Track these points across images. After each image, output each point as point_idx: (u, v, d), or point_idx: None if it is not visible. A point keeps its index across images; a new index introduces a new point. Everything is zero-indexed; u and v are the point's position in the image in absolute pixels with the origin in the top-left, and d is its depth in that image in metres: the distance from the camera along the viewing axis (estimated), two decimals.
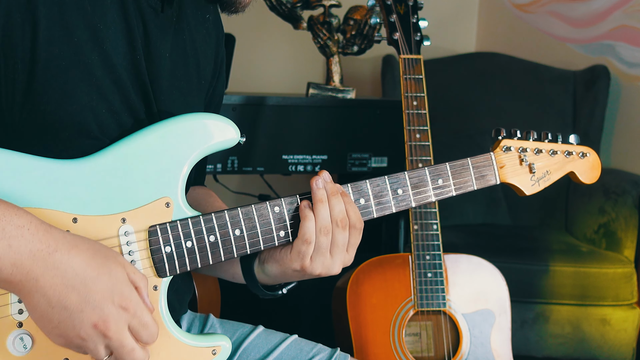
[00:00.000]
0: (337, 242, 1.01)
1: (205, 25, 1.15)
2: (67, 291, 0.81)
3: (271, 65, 3.31)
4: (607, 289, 2.43)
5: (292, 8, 2.29)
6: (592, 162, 1.24)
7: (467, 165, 1.14)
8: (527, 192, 1.19)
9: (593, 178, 1.24)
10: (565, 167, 1.22)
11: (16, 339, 0.87)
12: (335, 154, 2.21)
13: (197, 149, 0.97)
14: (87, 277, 0.82)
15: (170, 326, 0.96)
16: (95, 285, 0.82)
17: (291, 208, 1.02)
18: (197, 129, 0.97)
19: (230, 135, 0.99)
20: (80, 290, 0.82)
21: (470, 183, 1.14)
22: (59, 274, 0.81)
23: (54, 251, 0.81)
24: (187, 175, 0.97)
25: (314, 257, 1.00)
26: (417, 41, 1.74)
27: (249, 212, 0.99)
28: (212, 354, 0.98)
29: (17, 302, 0.87)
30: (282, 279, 1.06)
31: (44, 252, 0.80)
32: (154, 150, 0.95)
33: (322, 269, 1.01)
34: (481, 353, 1.71)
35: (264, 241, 1.00)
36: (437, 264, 1.68)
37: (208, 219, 0.97)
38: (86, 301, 0.82)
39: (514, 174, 1.18)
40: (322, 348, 1.19)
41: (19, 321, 0.88)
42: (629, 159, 2.88)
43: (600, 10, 3.03)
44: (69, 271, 0.81)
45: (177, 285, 1.10)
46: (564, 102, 3.02)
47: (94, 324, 0.83)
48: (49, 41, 0.89)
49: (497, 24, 3.57)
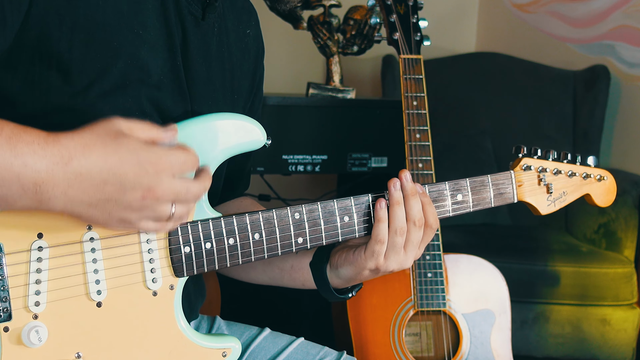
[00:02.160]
0: (412, 240, 1.04)
1: (245, 41, 1.14)
2: (100, 187, 0.80)
3: (271, 65, 3.30)
4: (607, 289, 2.43)
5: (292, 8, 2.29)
6: (609, 186, 1.23)
7: (487, 182, 1.13)
8: (543, 212, 1.18)
9: (608, 202, 1.24)
10: (582, 188, 1.21)
11: (31, 331, 0.87)
12: (335, 154, 2.21)
13: (222, 149, 0.96)
14: (112, 166, 0.80)
15: (183, 325, 0.97)
16: (123, 168, 0.81)
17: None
18: (223, 128, 0.96)
19: (256, 137, 0.98)
20: (113, 180, 0.81)
21: (489, 200, 1.13)
22: (84, 178, 0.79)
23: (69, 160, 0.79)
24: (212, 174, 0.96)
25: (388, 255, 1.04)
26: (417, 41, 1.74)
27: (269, 217, 0.99)
28: (222, 356, 0.99)
29: (34, 294, 0.87)
30: (356, 280, 1.08)
31: (60, 164, 0.78)
32: None
33: (396, 265, 1.05)
34: (481, 353, 1.71)
35: (282, 247, 1.01)
36: (437, 264, 1.68)
37: (229, 221, 0.97)
38: (123, 185, 0.81)
39: (531, 193, 1.17)
40: (329, 351, 1.19)
41: (34, 313, 0.88)
42: (629, 159, 2.88)
43: (600, 10, 3.03)
44: (93, 171, 0.80)
45: (189, 290, 1.09)
46: (564, 102, 3.02)
47: (142, 198, 0.82)
48: (87, 44, 0.89)
49: (497, 24, 3.57)
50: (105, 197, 0.81)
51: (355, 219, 1.05)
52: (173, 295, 0.96)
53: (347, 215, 1.05)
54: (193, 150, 0.87)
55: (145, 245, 0.93)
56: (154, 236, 0.94)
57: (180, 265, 0.95)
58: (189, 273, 0.96)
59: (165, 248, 0.94)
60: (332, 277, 1.10)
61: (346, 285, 1.11)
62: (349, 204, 1.05)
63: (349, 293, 1.13)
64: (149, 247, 0.93)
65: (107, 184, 0.80)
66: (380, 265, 1.04)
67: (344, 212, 1.04)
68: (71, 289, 0.89)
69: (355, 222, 1.05)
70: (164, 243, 0.94)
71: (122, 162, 0.81)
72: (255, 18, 1.19)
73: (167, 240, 0.94)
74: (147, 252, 0.93)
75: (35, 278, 0.87)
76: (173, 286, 0.96)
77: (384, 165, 2.27)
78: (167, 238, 0.94)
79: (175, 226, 0.90)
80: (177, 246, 0.94)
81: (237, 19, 1.12)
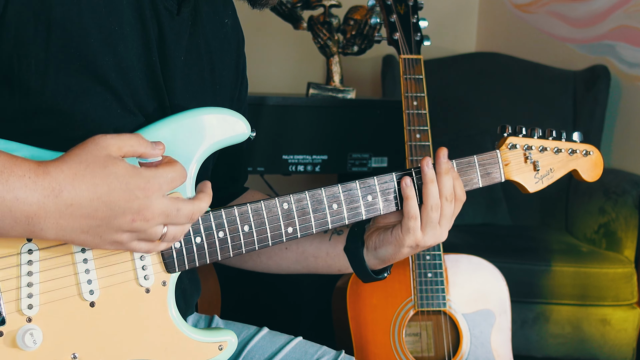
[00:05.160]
0: (446, 215, 1.09)
1: (224, 31, 1.14)
2: (91, 215, 0.82)
3: (271, 65, 3.31)
4: (607, 289, 2.43)
5: (292, 8, 2.29)
6: (595, 160, 1.24)
7: (474, 162, 1.14)
8: (531, 189, 1.19)
9: (595, 176, 1.24)
10: (568, 165, 1.22)
11: (26, 334, 0.87)
12: (335, 154, 2.21)
13: (207, 143, 0.96)
14: (102, 194, 0.82)
15: (178, 321, 0.97)
16: (113, 196, 0.82)
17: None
18: (207, 122, 0.96)
19: (240, 130, 0.98)
20: (103, 208, 0.82)
21: (476, 180, 1.15)
22: (75, 208, 0.81)
23: (59, 192, 0.80)
24: (198, 169, 0.96)
25: (425, 230, 1.09)
26: (417, 41, 1.73)
27: (257, 208, 1.00)
28: (218, 349, 0.99)
29: (26, 297, 0.87)
30: (395, 258, 1.12)
31: (51, 197, 0.80)
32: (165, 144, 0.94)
33: (433, 240, 1.10)
34: (481, 353, 1.71)
35: (272, 237, 1.01)
36: (438, 264, 1.68)
37: (217, 214, 0.97)
38: (113, 211, 0.82)
39: (518, 172, 1.18)
40: (327, 351, 1.19)
41: (28, 316, 0.88)
42: (629, 159, 2.88)
43: (601, 10, 3.03)
44: (83, 201, 0.81)
45: (184, 286, 1.10)
46: (564, 102, 3.02)
47: (132, 221, 0.83)
48: (64, 42, 0.89)
49: (497, 24, 3.57)
50: (96, 224, 0.82)
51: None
52: (166, 292, 0.96)
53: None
54: (179, 164, 0.88)
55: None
56: None
57: (171, 261, 0.95)
58: (181, 268, 0.96)
59: None
60: (370, 259, 1.14)
61: (382, 265, 1.15)
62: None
63: (384, 272, 1.18)
64: None
65: (97, 211, 0.82)
66: (419, 240, 1.09)
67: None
68: (63, 290, 0.89)
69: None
70: None
71: (111, 190, 0.82)
72: (231, 7, 1.18)
73: None
74: None
75: (27, 281, 0.87)
76: (165, 282, 0.96)
77: (384, 165, 2.27)
78: None
79: (169, 246, 0.92)
80: None
81: (213, 10, 1.12)
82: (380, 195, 1.07)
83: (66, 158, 0.82)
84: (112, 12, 0.93)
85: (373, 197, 1.07)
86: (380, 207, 1.08)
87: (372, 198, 1.07)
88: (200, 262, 0.97)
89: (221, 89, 1.14)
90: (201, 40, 1.08)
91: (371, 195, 1.07)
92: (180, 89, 1.03)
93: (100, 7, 0.92)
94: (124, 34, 0.94)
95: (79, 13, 0.90)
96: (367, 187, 1.07)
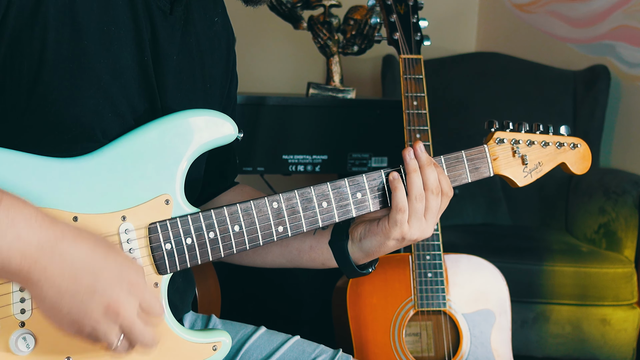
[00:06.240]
0: (431, 208, 1.08)
1: (214, 29, 1.15)
2: (76, 278, 0.81)
3: (271, 65, 3.31)
4: (607, 289, 2.43)
5: (292, 8, 2.29)
6: (583, 152, 1.24)
7: (462, 158, 1.15)
8: (520, 183, 1.20)
9: (584, 169, 1.25)
10: (556, 158, 1.22)
11: (19, 338, 0.87)
12: (335, 154, 2.21)
13: (195, 145, 0.97)
14: (95, 264, 0.82)
15: (171, 322, 0.97)
16: (103, 272, 0.83)
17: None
18: (194, 125, 0.97)
19: (227, 131, 0.99)
20: (89, 277, 0.82)
21: (465, 175, 1.15)
22: (67, 262, 0.81)
23: (60, 240, 0.81)
24: (186, 171, 0.97)
25: (411, 223, 1.07)
26: (417, 41, 1.73)
27: (247, 208, 0.99)
28: (212, 349, 0.99)
29: (19, 301, 0.87)
30: (379, 251, 1.11)
31: (51, 242, 0.80)
32: (153, 147, 0.95)
33: (419, 233, 1.09)
34: (481, 353, 1.71)
35: (263, 237, 1.01)
36: (438, 264, 1.68)
37: (207, 215, 0.97)
38: (95, 287, 0.82)
39: (507, 166, 1.18)
40: (325, 349, 1.19)
41: (21, 321, 0.88)
42: (629, 159, 2.88)
43: (601, 10, 3.03)
44: (76, 259, 0.81)
45: (178, 284, 1.10)
46: (564, 102, 3.02)
47: (105, 308, 0.83)
48: (58, 43, 0.89)
49: (497, 24, 3.57)
50: (74, 289, 0.82)
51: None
52: (158, 293, 0.96)
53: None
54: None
55: (127, 245, 0.93)
56: (134, 235, 0.93)
57: (162, 262, 0.95)
58: (172, 270, 0.96)
59: (147, 247, 0.94)
60: (355, 251, 1.12)
61: (367, 259, 1.13)
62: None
63: (369, 267, 1.16)
64: (129, 247, 0.93)
65: (83, 278, 0.82)
66: (405, 233, 1.07)
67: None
68: None
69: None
70: (145, 242, 0.94)
71: (106, 266, 0.83)
72: (221, 5, 1.19)
73: (148, 239, 0.94)
74: (129, 251, 0.93)
75: (18, 286, 0.87)
76: (157, 284, 0.96)
77: (384, 165, 2.27)
78: (148, 236, 0.94)
79: (113, 354, 0.90)
80: (157, 244, 0.95)
81: (203, 8, 1.12)
82: (369, 192, 1.07)
83: (81, 228, 0.86)
84: (107, 12, 0.94)
85: (362, 195, 1.07)
86: (369, 204, 1.08)
87: (362, 195, 1.07)
88: (192, 263, 0.97)
89: (212, 88, 1.14)
90: (193, 38, 1.08)
91: (360, 193, 1.07)
92: (172, 88, 1.03)
93: (94, 8, 0.92)
94: (118, 34, 0.95)
95: (72, 13, 0.90)
96: (356, 185, 1.06)
